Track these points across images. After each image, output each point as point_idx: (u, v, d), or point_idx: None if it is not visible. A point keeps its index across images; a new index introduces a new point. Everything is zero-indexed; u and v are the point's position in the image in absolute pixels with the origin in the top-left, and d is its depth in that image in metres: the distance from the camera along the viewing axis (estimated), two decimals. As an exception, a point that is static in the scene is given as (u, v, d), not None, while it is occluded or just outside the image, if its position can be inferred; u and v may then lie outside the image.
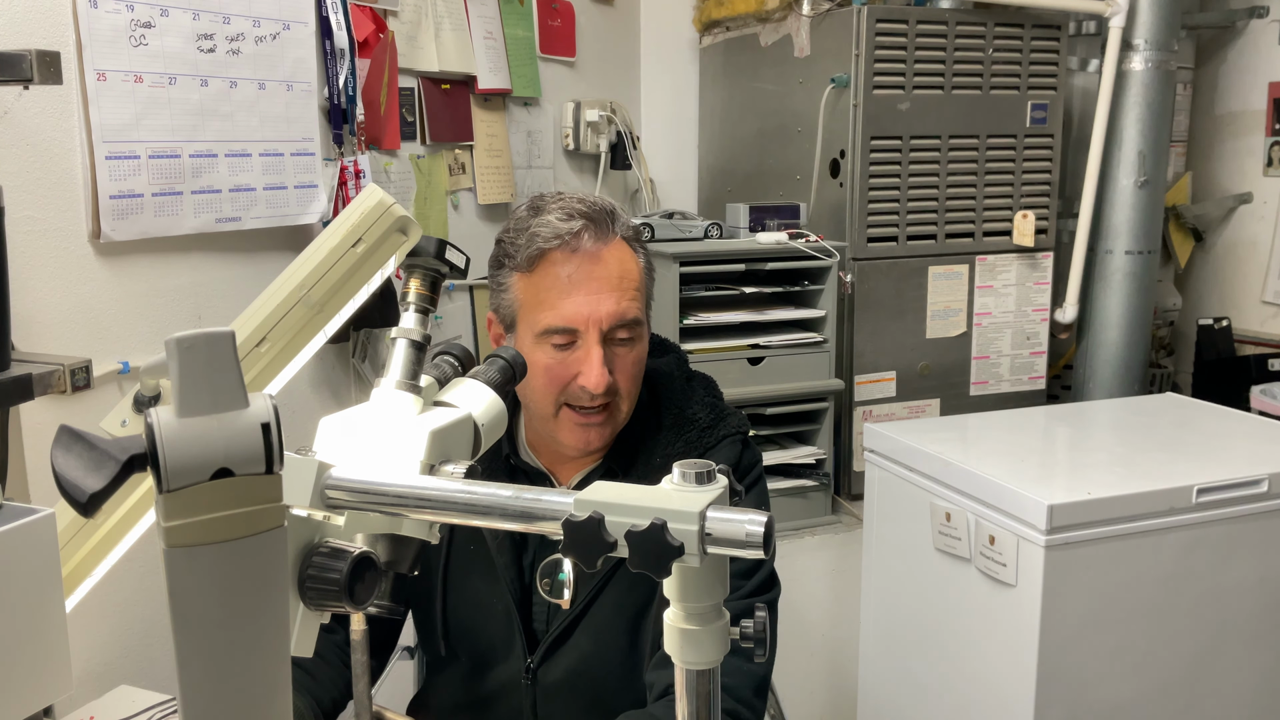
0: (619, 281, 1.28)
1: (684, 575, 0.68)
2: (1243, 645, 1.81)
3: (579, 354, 1.27)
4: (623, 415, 1.33)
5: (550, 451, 1.39)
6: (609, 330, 1.28)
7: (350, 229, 0.97)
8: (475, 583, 1.37)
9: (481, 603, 1.37)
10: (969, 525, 1.78)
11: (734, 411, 1.41)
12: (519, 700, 1.37)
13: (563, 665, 1.34)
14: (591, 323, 1.26)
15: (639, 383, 1.34)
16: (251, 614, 0.59)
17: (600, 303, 1.26)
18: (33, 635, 1.03)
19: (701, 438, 1.36)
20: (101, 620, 1.55)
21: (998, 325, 2.56)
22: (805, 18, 2.44)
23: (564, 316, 1.26)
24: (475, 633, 1.38)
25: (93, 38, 1.47)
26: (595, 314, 1.26)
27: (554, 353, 1.28)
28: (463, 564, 1.38)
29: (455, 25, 2.23)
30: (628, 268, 1.30)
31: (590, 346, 1.27)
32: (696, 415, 1.37)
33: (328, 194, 1.89)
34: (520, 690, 1.36)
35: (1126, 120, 2.56)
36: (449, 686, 1.43)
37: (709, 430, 1.37)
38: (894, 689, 2.07)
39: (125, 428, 1.04)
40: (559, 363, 1.28)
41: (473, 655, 1.39)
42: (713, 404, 1.40)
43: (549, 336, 1.27)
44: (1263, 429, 2.03)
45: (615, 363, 1.29)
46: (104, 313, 1.54)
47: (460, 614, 1.38)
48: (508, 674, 1.37)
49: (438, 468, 0.84)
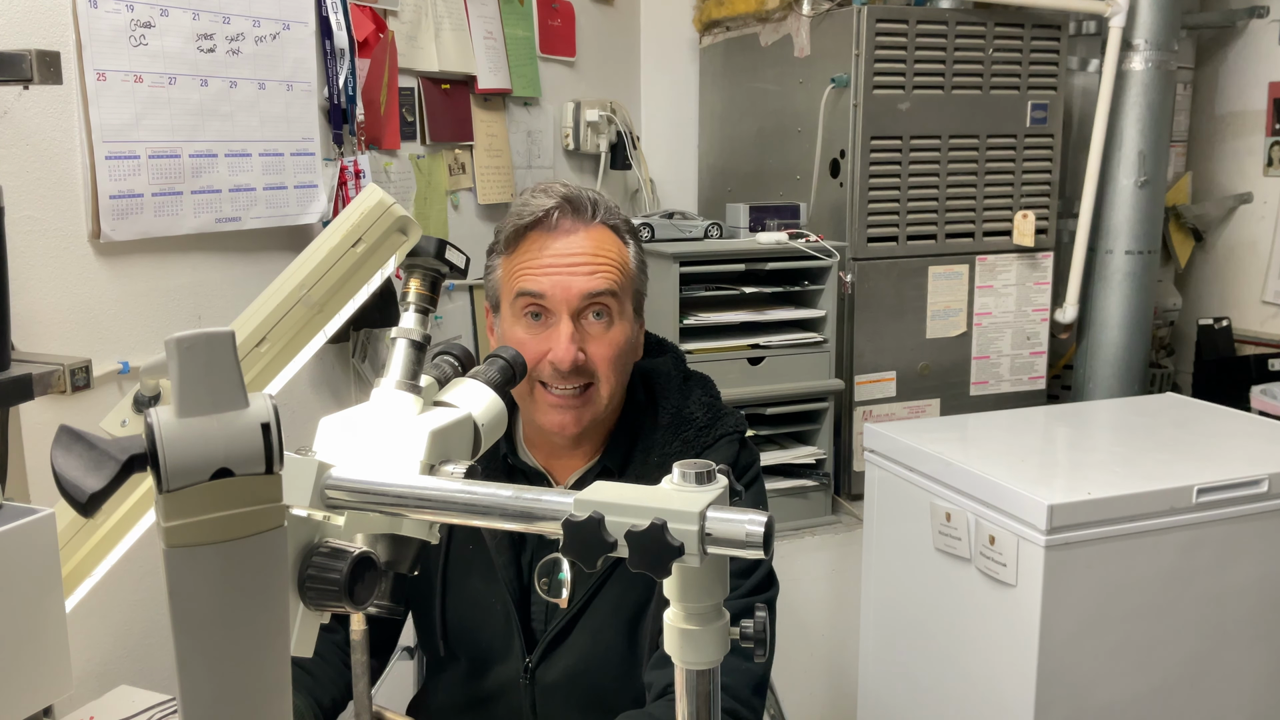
0: (593, 259, 1.29)
1: (684, 575, 0.69)
2: (1243, 645, 1.81)
3: (550, 331, 1.29)
4: (602, 401, 1.32)
5: (546, 447, 1.39)
6: (581, 307, 1.29)
7: (350, 229, 0.97)
8: (474, 583, 1.37)
9: (480, 603, 1.37)
10: (969, 525, 1.78)
11: (731, 411, 1.41)
12: (518, 700, 1.37)
13: (561, 664, 1.34)
14: (562, 298, 1.28)
15: (619, 367, 1.33)
16: (251, 614, 0.59)
17: (572, 278, 1.28)
18: (33, 635, 1.03)
19: (699, 437, 1.36)
20: (101, 620, 1.55)
21: (998, 325, 2.56)
22: (805, 18, 2.44)
23: (536, 284, 1.28)
24: (474, 632, 1.38)
25: (93, 38, 1.47)
26: (567, 289, 1.28)
27: (529, 325, 1.29)
28: (462, 564, 1.38)
29: (455, 25, 2.23)
30: (606, 249, 1.31)
31: (560, 321, 1.28)
32: (694, 414, 1.37)
33: (328, 194, 1.89)
34: (519, 690, 1.36)
35: (1126, 120, 2.55)
36: (448, 686, 1.43)
37: (706, 430, 1.37)
38: (894, 689, 2.07)
39: (125, 428, 1.04)
40: (533, 338, 1.29)
41: (472, 655, 1.39)
42: (710, 403, 1.40)
43: (522, 302, 1.29)
44: (1263, 429, 2.03)
45: (589, 342, 1.29)
46: (104, 313, 1.54)
47: (459, 614, 1.38)
48: (506, 674, 1.37)
49: (438, 468, 0.84)
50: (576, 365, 1.27)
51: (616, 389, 1.33)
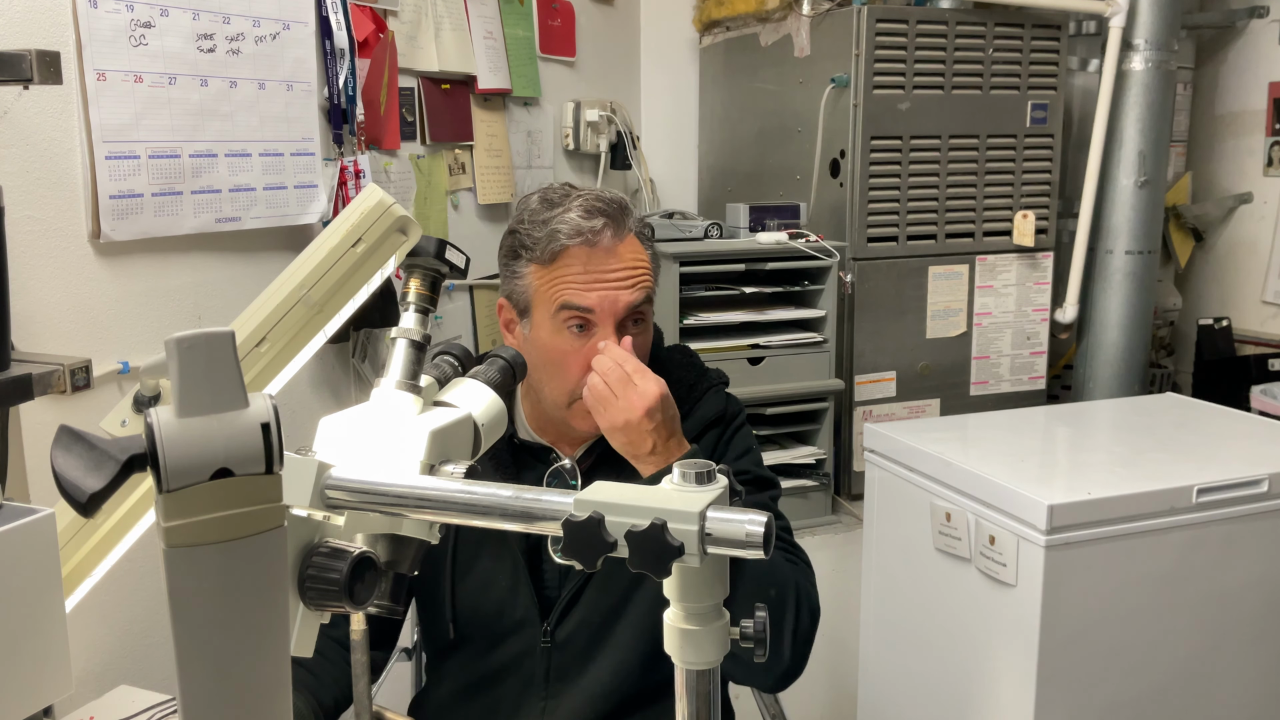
0: (632, 271, 1.36)
1: (684, 575, 0.69)
2: (1243, 645, 1.81)
3: (595, 342, 1.34)
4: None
5: (554, 431, 1.44)
6: (624, 318, 1.35)
7: (350, 229, 0.97)
8: (484, 560, 1.40)
9: (490, 579, 1.40)
10: (969, 525, 1.78)
11: (711, 368, 1.51)
12: (532, 667, 1.39)
13: (577, 623, 1.38)
14: (609, 313, 1.34)
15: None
16: (251, 614, 0.59)
17: (617, 295, 1.34)
18: (33, 635, 1.03)
19: (690, 394, 1.44)
20: (101, 620, 1.55)
21: (998, 325, 2.56)
22: (805, 18, 2.44)
23: (584, 299, 1.33)
24: (485, 609, 1.40)
25: (93, 38, 1.47)
26: (613, 305, 1.34)
27: (573, 337, 1.34)
28: (470, 545, 1.40)
29: (455, 25, 2.23)
30: (640, 259, 1.38)
31: (606, 332, 1.34)
32: (680, 378, 1.45)
33: (328, 194, 1.89)
34: (536, 656, 1.39)
35: (1126, 120, 2.55)
36: (455, 672, 1.44)
37: (694, 387, 1.45)
38: (894, 689, 2.07)
39: (125, 428, 1.04)
40: (578, 349, 1.34)
41: (484, 632, 1.41)
42: (689, 363, 1.50)
43: (567, 313, 1.33)
44: (1263, 429, 2.03)
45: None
46: (104, 313, 1.54)
47: (469, 594, 1.40)
48: (522, 644, 1.39)
49: (438, 468, 0.84)
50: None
51: None
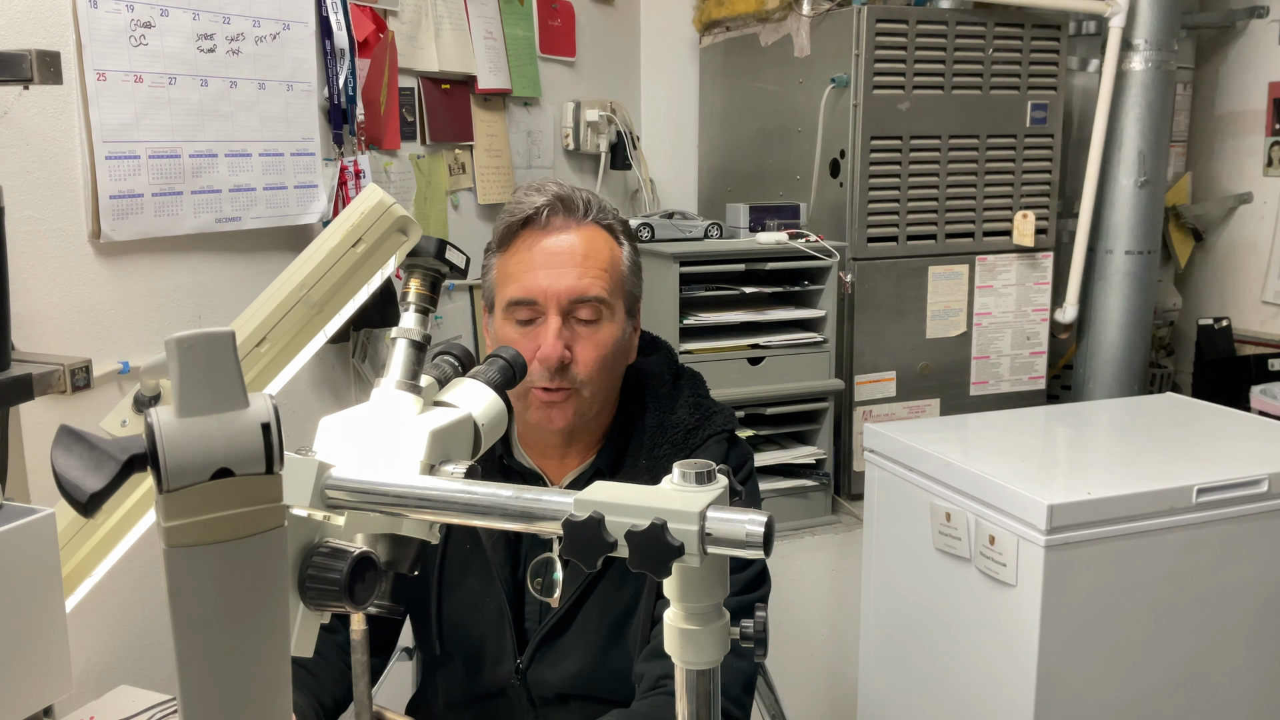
0: (583, 259, 1.30)
1: (684, 575, 0.69)
2: (1243, 645, 1.81)
3: (539, 329, 1.29)
4: (586, 398, 1.32)
5: (539, 447, 1.40)
6: (568, 306, 1.29)
7: (350, 229, 0.97)
8: (470, 582, 1.38)
9: (476, 603, 1.37)
10: (969, 525, 1.78)
11: (721, 409, 1.41)
12: (513, 698, 1.37)
13: (553, 664, 1.35)
14: (550, 296, 1.28)
15: (605, 369, 1.33)
16: (251, 614, 0.59)
17: (560, 277, 1.28)
18: (33, 635, 1.03)
19: (687, 439, 1.37)
20: (101, 620, 1.55)
21: (998, 325, 2.56)
22: (805, 18, 2.44)
23: (524, 288, 1.29)
24: (469, 632, 1.38)
25: (93, 38, 1.47)
26: (554, 288, 1.28)
27: (519, 328, 1.30)
28: (458, 564, 1.38)
29: (455, 25, 2.23)
30: (597, 249, 1.32)
31: (549, 321, 1.28)
32: (681, 419, 1.38)
33: (328, 194, 1.89)
34: (512, 689, 1.37)
35: (1126, 120, 2.55)
36: (445, 686, 1.43)
37: (694, 431, 1.37)
38: (894, 689, 2.07)
39: (125, 428, 1.04)
40: (523, 336, 1.29)
41: (467, 655, 1.40)
42: (697, 403, 1.40)
43: (513, 310, 1.30)
44: (1263, 429, 2.03)
45: (576, 342, 1.30)
46: (104, 313, 1.54)
47: (455, 614, 1.39)
48: (500, 673, 1.37)
49: (438, 468, 0.84)
50: (563, 363, 1.28)
51: (602, 390, 1.33)
